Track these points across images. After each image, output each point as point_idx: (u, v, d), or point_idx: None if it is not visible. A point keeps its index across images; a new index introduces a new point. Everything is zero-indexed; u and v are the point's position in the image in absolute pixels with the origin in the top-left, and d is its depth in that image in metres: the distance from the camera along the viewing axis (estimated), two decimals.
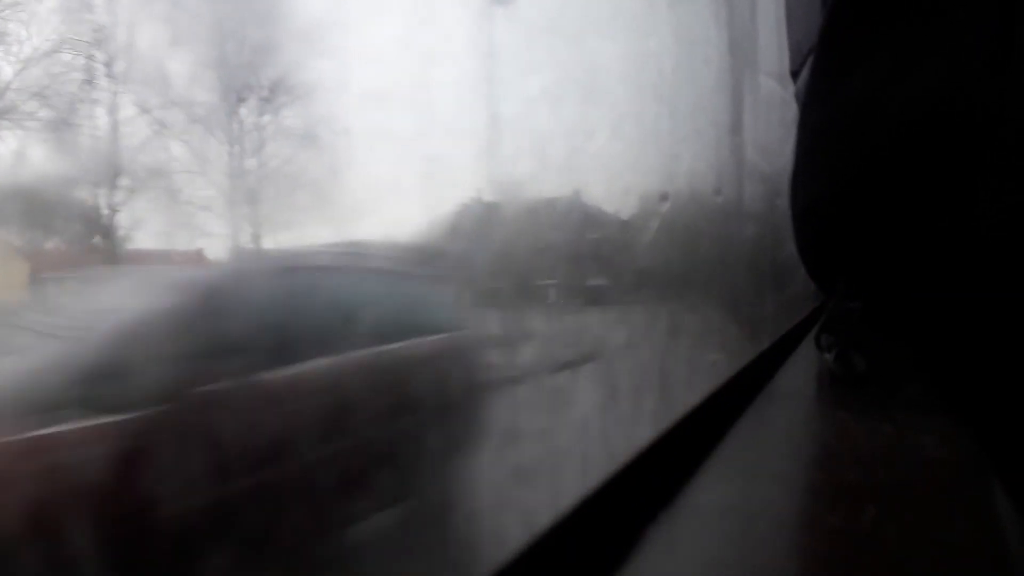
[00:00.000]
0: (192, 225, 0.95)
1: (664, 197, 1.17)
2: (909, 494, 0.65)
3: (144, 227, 0.93)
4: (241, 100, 0.97)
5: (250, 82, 0.98)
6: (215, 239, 0.95)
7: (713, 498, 0.66)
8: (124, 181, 0.90)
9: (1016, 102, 0.41)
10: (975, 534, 0.55)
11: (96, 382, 0.89)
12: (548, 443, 0.99)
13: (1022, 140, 0.41)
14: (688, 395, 0.86)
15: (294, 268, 1.18)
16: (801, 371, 1.27)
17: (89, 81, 0.86)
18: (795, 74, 1.53)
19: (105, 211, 0.90)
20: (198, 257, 0.97)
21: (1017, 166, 0.41)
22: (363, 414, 1.07)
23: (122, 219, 0.90)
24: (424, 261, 1.17)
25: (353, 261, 1.22)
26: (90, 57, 0.85)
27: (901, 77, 0.46)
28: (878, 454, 0.76)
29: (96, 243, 0.91)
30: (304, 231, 1.04)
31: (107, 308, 0.97)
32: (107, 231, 0.90)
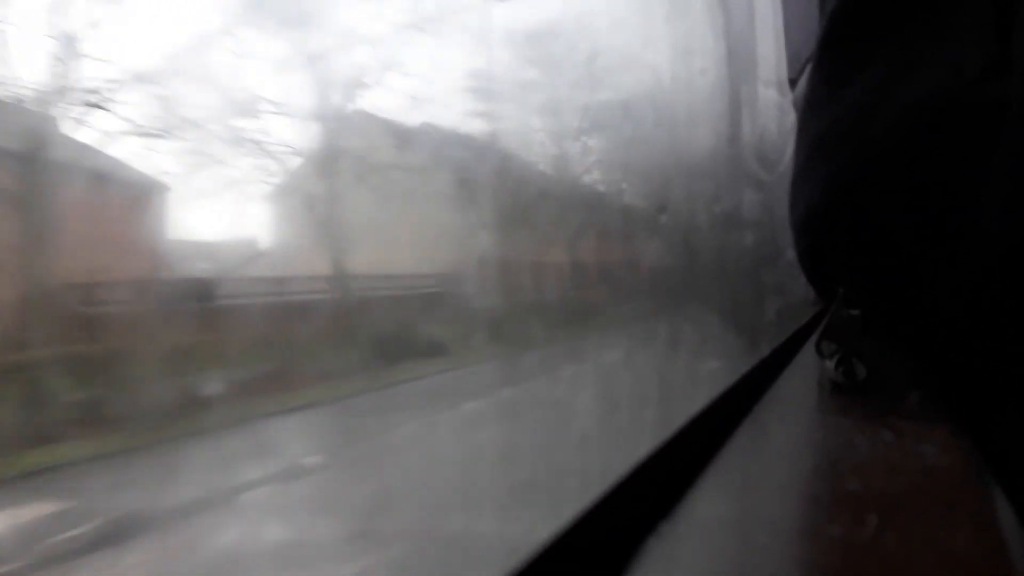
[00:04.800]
0: None
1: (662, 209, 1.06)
2: (911, 503, 0.65)
3: None
4: None
5: None
6: None
7: (713, 509, 0.65)
8: None
9: (1015, 107, 0.41)
10: (978, 544, 0.55)
11: None
12: None
13: (1022, 146, 0.41)
14: None
15: None
16: (800, 379, 1.26)
17: None
18: (793, 82, 1.54)
19: None
20: None
21: (1016, 172, 0.41)
22: None
23: None
24: None
25: None
26: None
27: (899, 84, 0.46)
28: (880, 463, 0.75)
29: None
30: None
31: None
32: None
